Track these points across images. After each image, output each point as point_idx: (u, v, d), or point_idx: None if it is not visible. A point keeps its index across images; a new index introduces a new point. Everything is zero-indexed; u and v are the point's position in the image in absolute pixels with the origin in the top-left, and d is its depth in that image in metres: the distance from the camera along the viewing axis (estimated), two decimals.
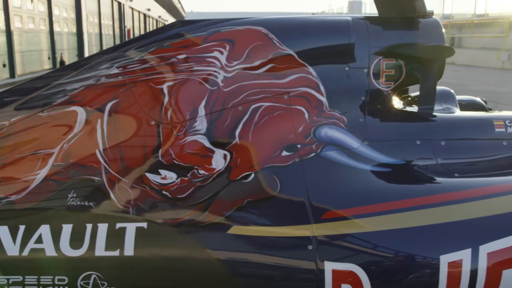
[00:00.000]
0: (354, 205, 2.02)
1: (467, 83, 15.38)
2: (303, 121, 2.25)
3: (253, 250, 2.03)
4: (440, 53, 2.40)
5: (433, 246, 1.92)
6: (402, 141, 2.30)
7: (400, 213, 1.96)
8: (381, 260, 1.94)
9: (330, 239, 1.98)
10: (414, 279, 1.93)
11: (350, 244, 1.96)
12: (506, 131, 2.38)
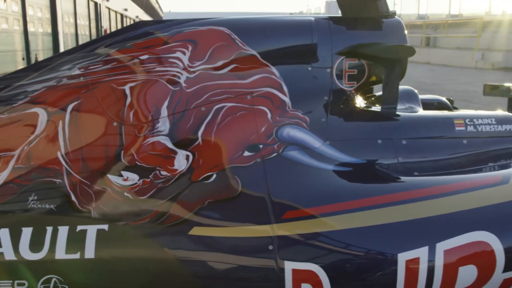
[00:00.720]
0: (315, 205, 2.03)
1: (441, 83, 15.57)
2: (265, 121, 2.25)
3: (214, 251, 2.03)
4: (401, 53, 2.42)
5: (392, 245, 1.93)
6: (364, 140, 2.31)
7: (359, 212, 1.98)
8: (341, 259, 1.95)
9: (290, 239, 1.98)
10: (372, 277, 1.95)
11: (310, 244, 1.97)
12: (466, 130, 2.41)
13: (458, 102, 11.18)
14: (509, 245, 1.91)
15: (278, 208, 2.05)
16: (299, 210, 2.02)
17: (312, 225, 1.98)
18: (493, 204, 1.98)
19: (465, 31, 23.80)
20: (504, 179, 2.08)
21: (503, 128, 2.45)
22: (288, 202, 2.07)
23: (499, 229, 1.92)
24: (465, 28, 23.98)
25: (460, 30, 24.62)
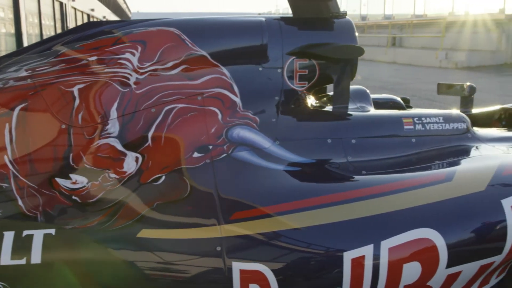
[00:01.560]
0: (263, 205, 2.04)
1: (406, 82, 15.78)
2: (216, 122, 2.25)
3: (163, 253, 2.02)
4: (350, 53, 2.45)
5: (338, 243, 1.95)
6: (314, 140, 2.33)
7: (307, 212, 1.99)
8: (287, 258, 1.97)
9: (238, 239, 1.99)
10: (319, 276, 1.97)
11: (257, 244, 1.98)
12: (415, 128, 2.46)
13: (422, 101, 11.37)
14: (452, 241, 1.95)
15: (227, 209, 2.05)
16: (247, 210, 2.03)
17: (260, 225, 1.98)
18: (436, 202, 2.02)
19: (429, 31, 24.19)
20: (448, 176, 2.12)
21: (451, 126, 2.51)
22: (236, 202, 2.07)
23: (442, 225, 1.96)
24: (430, 28, 24.37)
25: (424, 30, 25.02)
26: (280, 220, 1.98)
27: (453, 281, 2.03)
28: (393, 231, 1.93)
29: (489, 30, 21.16)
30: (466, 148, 2.47)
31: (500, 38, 20.91)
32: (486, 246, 2.01)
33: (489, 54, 20.68)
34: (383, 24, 29.09)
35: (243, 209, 2.04)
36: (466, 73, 18.15)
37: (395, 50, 24.78)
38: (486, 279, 2.20)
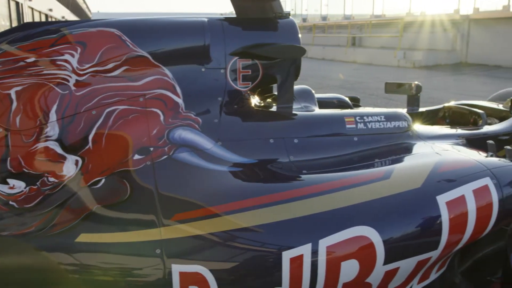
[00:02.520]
0: (203, 206, 2.03)
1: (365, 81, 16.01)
2: (157, 124, 2.23)
3: (102, 257, 1.99)
4: (292, 53, 2.46)
5: (277, 243, 1.95)
6: (256, 140, 2.34)
7: (246, 212, 1.99)
8: (227, 259, 1.96)
9: (178, 242, 1.97)
10: (258, 277, 1.97)
11: (197, 245, 1.97)
12: (357, 127, 2.49)
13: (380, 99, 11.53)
14: (388, 238, 1.98)
15: (167, 211, 2.03)
16: (188, 212, 2.02)
17: (200, 227, 1.97)
18: (373, 199, 2.03)
19: (388, 31, 24.62)
20: (386, 174, 2.15)
21: (392, 125, 2.55)
22: (177, 204, 2.06)
23: (379, 223, 1.98)
24: (388, 28, 24.80)
25: (383, 30, 25.44)
26: (220, 221, 1.98)
27: (391, 277, 2.06)
28: (331, 229, 1.94)
29: (445, 30, 21.70)
30: (406, 146, 2.52)
31: (455, 37, 21.46)
32: (422, 242, 2.04)
33: (445, 53, 21.20)
34: (343, 24, 29.44)
35: (184, 211, 2.02)
36: (423, 72, 18.55)
37: (355, 50, 25.12)
38: (426, 274, 2.24)
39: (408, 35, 22.61)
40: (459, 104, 3.63)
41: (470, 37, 20.95)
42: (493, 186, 2.14)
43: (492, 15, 20.05)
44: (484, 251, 2.66)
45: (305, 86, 2.97)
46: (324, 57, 26.93)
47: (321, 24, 32.42)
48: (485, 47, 19.86)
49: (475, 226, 2.10)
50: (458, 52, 21.30)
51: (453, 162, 2.24)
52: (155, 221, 2.02)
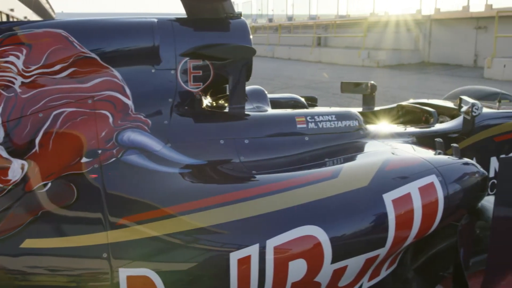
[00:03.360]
0: (151, 209, 2.01)
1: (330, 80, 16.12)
2: (106, 126, 2.21)
3: (47, 263, 1.96)
4: (242, 53, 2.46)
5: (224, 244, 1.94)
6: (206, 141, 2.33)
7: (195, 214, 1.97)
8: (174, 262, 1.94)
9: (125, 245, 1.95)
10: (206, 279, 1.95)
11: (144, 248, 1.94)
12: (307, 127, 2.50)
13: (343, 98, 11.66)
14: (335, 237, 1.99)
15: (114, 214, 2.01)
16: (135, 215, 1.99)
17: (148, 229, 1.95)
18: (321, 199, 2.04)
19: (352, 31, 24.87)
20: (334, 173, 2.17)
21: (343, 124, 2.57)
22: (124, 207, 2.03)
23: (326, 222, 1.99)
24: (353, 28, 25.05)
25: (348, 30, 25.71)
26: (168, 223, 1.96)
27: (340, 275, 2.07)
28: (278, 229, 1.94)
29: (408, 30, 22.06)
30: (357, 145, 2.55)
31: (418, 37, 21.84)
32: (369, 240, 2.06)
33: (409, 53, 21.56)
34: (309, 24, 29.64)
35: (132, 214, 2.00)
36: (387, 71, 18.82)
37: (320, 50, 25.31)
38: (376, 271, 2.27)
39: (372, 35, 22.91)
40: (412, 103, 3.69)
41: (432, 37, 21.35)
42: (439, 184, 2.18)
43: (452, 16, 20.48)
44: (438, 247, 2.71)
45: (257, 86, 2.98)
46: (290, 57, 27.06)
47: (287, 24, 32.57)
48: (447, 46, 20.27)
49: (421, 223, 2.13)
50: (421, 51, 21.69)
51: (400, 161, 2.28)
52: (102, 224, 1.99)
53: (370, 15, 25.30)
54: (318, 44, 27.43)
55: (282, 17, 36.52)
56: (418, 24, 21.69)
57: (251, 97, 2.81)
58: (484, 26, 18.73)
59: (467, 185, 2.30)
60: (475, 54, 19.24)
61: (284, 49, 28.26)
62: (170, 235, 1.94)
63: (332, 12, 30.44)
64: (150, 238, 1.94)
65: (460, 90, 5.03)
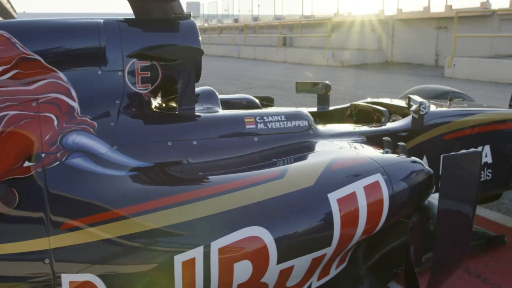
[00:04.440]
0: (94, 213, 1.98)
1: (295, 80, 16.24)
2: (51, 129, 2.16)
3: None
4: (189, 54, 2.45)
5: (168, 248, 1.92)
6: (153, 143, 2.31)
7: (138, 217, 1.94)
8: (118, 266, 1.92)
9: (67, 250, 1.91)
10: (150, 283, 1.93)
11: (87, 253, 1.91)
12: (257, 127, 2.51)
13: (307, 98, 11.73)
14: (280, 237, 1.99)
15: (57, 219, 1.97)
16: (78, 219, 1.96)
17: (91, 234, 1.92)
18: (266, 199, 2.04)
19: (317, 31, 25.07)
20: (281, 174, 2.17)
21: (292, 124, 2.59)
22: (67, 212, 2.00)
23: (270, 223, 1.99)
24: (318, 29, 25.26)
25: (313, 30, 25.90)
26: (112, 227, 1.93)
27: (287, 276, 2.08)
28: (223, 231, 1.94)
29: (371, 30, 22.36)
30: (307, 145, 2.56)
31: (381, 37, 22.16)
32: (315, 239, 2.07)
33: (372, 52, 21.85)
34: (274, 25, 29.74)
35: (75, 218, 1.96)
36: (351, 70, 19.01)
37: (285, 50, 25.42)
38: (325, 271, 2.29)
39: (337, 35, 23.15)
40: (365, 102, 3.74)
41: (395, 37, 21.69)
42: (384, 182, 2.21)
43: (414, 16, 20.86)
44: (392, 245, 2.75)
45: (208, 87, 2.97)
46: (256, 57, 27.09)
47: (252, 25, 32.60)
48: (409, 46, 20.63)
49: (367, 221, 2.16)
50: (385, 51, 22.01)
51: (346, 160, 2.30)
52: (44, 230, 1.95)
53: (334, 15, 25.55)
54: (284, 44, 27.55)
55: (248, 18, 36.55)
56: (382, 24, 22.01)
57: (201, 98, 2.80)
58: (445, 26, 19.13)
59: (412, 183, 2.33)
60: (436, 53, 19.64)
61: (250, 49, 28.28)
62: (114, 239, 1.91)
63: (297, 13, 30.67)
64: (94, 242, 1.91)
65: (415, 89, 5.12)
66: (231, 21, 38.35)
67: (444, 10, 19.57)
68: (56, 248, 1.90)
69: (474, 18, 17.98)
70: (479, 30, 17.55)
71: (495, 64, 14.62)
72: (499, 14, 17.49)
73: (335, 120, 3.67)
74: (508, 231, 3.96)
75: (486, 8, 18.19)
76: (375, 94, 11.08)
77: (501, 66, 14.38)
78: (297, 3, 29.67)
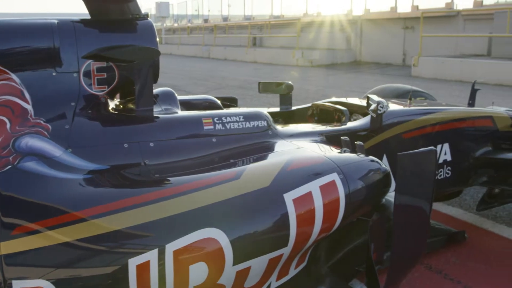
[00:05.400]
0: (47, 217, 1.92)
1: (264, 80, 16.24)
2: (3, 132, 2.12)
3: None
4: (146, 54, 2.42)
5: (122, 251, 1.89)
6: (109, 145, 2.28)
7: (92, 221, 1.90)
8: (70, 271, 1.87)
9: (19, 256, 1.85)
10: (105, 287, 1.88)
11: (39, 259, 1.86)
12: (215, 128, 2.50)
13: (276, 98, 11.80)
14: (236, 238, 1.97)
15: (9, 224, 1.92)
16: (30, 224, 1.91)
17: (43, 238, 1.87)
18: (222, 200, 2.02)
19: (287, 31, 25.19)
20: (237, 175, 2.16)
21: (251, 125, 2.58)
22: (19, 216, 1.95)
23: (226, 224, 1.97)
24: (287, 29, 25.37)
25: (282, 30, 26.02)
26: (65, 231, 1.89)
27: (244, 276, 2.07)
28: (178, 233, 1.91)
29: (340, 30, 22.59)
30: (265, 145, 2.56)
31: (350, 37, 22.39)
32: (271, 240, 2.06)
33: (342, 52, 22.07)
34: (244, 25, 29.75)
35: (27, 223, 1.91)
36: (321, 70, 19.15)
37: (255, 50, 25.46)
38: (284, 271, 2.28)
39: (306, 35, 23.30)
40: (327, 101, 3.76)
41: (363, 36, 21.95)
42: (340, 181, 2.22)
43: (381, 16, 21.14)
44: (354, 243, 2.76)
45: (167, 88, 2.94)
46: (226, 57, 27.06)
47: (222, 25, 32.54)
48: (377, 46, 20.91)
49: (323, 221, 2.16)
50: (353, 51, 22.25)
51: (303, 160, 2.30)
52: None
53: (304, 15, 25.69)
54: (254, 44, 27.59)
55: (218, 18, 36.48)
56: (350, 24, 22.23)
57: (160, 99, 2.77)
58: (411, 26, 19.44)
59: (369, 182, 2.35)
60: (403, 53, 19.95)
61: (220, 50, 28.23)
62: (67, 243, 1.87)
63: (266, 13, 30.72)
64: (46, 247, 1.87)
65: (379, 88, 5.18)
66: (201, 21, 38.20)
67: (411, 11, 19.88)
68: (8, 254, 1.85)
69: (440, 18, 18.33)
70: (445, 30, 17.91)
71: (460, 63, 14.93)
72: (463, 15, 17.87)
73: (297, 120, 3.69)
74: (469, 227, 4.05)
75: (450, 8, 18.56)
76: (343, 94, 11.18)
77: (465, 65, 14.69)
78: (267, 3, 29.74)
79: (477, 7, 17.92)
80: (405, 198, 2.26)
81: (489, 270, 3.34)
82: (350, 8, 22.90)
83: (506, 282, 3.21)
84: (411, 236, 2.35)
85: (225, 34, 30.92)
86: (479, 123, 3.77)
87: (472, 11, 17.83)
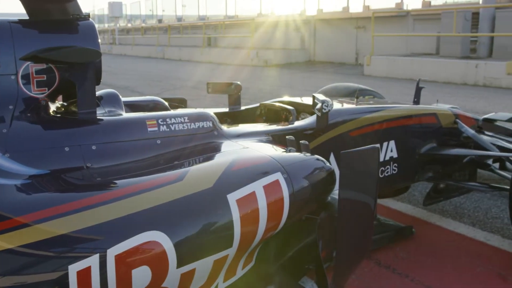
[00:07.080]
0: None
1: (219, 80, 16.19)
2: None
3: None
4: (86, 56, 2.37)
5: (62, 257, 1.82)
6: (49, 149, 2.21)
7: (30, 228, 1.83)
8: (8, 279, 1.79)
9: None
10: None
11: None
12: (159, 130, 2.47)
13: None
14: (179, 241, 1.94)
15: None
16: None
17: None
18: (164, 203, 1.99)
19: (241, 31, 25.22)
20: (180, 176, 2.13)
21: (196, 125, 2.57)
22: None
23: (168, 226, 1.94)
24: (242, 29, 25.41)
25: (237, 30, 26.04)
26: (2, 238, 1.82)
27: (189, 279, 2.04)
28: (119, 237, 1.87)
29: (294, 30, 22.78)
30: (210, 146, 2.55)
31: (304, 37, 22.61)
32: (215, 241, 2.05)
33: (296, 52, 22.27)
34: (198, 25, 29.62)
35: None
36: (276, 70, 19.23)
37: (210, 50, 25.39)
38: (231, 271, 2.27)
39: (260, 35, 23.39)
40: (274, 101, 3.78)
41: (317, 36, 22.20)
42: (284, 181, 2.22)
43: (334, 16, 21.45)
44: (304, 241, 2.78)
45: (111, 90, 2.89)
46: (181, 57, 26.87)
47: (177, 25, 32.29)
48: (331, 45, 21.20)
49: (268, 220, 2.16)
50: (308, 50, 22.47)
51: (247, 160, 2.30)
52: None
53: (258, 15, 25.80)
54: (209, 44, 27.50)
55: (172, 18, 36.19)
56: (304, 24, 22.45)
57: (103, 101, 2.72)
58: (363, 26, 19.80)
59: (313, 181, 2.37)
60: (356, 52, 20.29)
61: (175, 50, 28.01)
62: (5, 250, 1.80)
63: (221, 13, 30.69)
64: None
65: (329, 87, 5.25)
66: (155, 21, 37.81)
67: (362, 11, 20.26)
68: None
69: (390, 18, 18.74)
70: (395, 29, 18.33)
71: (410, 62, 15.31)
72: (413, 15, 18.34)
73: (246, 120, 3.69)
74: (417, 222, 4.16)
75: (400, 8, 19.01)
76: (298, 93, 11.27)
77: (415, 64, 15.08)
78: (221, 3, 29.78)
79: (426, 7, 18.43)
80: (349, 194, 2.29)
81: (435, 263, 3.44)
82: (304, 8, 23.15)
83: (451, 272, 3.31)
84: (356, 232, 2.38)
85: (180, 34, 30.68)
86: (423, 120, 3.87)
87: (421, 11, 18.32)
